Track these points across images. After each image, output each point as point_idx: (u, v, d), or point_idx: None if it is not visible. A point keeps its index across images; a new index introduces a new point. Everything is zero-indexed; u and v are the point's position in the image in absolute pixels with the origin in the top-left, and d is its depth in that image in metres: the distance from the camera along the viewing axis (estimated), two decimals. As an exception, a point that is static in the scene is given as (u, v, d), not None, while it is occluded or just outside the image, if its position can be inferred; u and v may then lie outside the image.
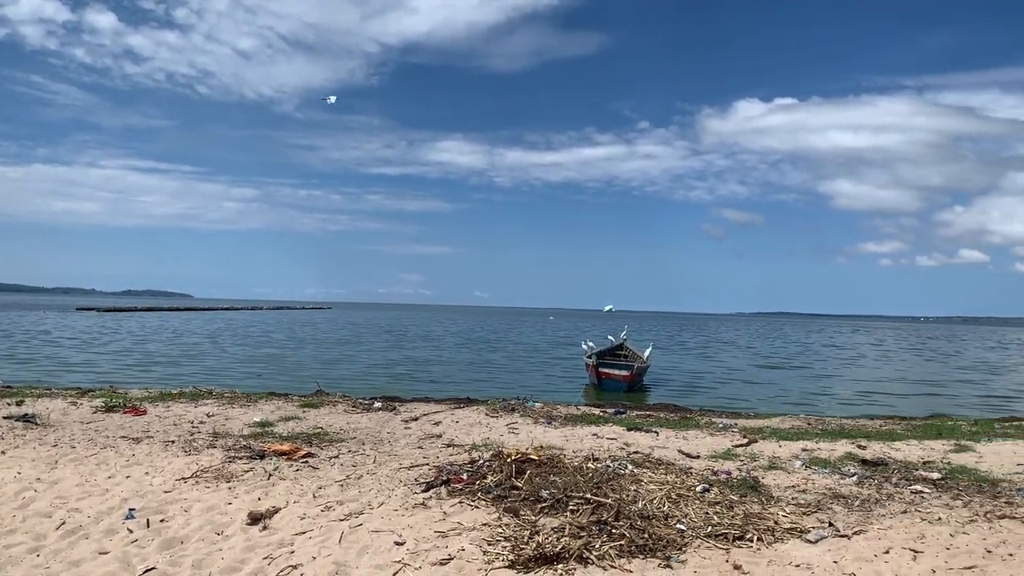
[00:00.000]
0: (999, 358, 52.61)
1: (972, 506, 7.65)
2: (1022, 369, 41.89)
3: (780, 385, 28.25)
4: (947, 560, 5.93)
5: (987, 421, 14.96)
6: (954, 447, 11.19)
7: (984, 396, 26.30)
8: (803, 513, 7.20)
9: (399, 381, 24.67)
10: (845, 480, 8.77)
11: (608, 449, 10.33)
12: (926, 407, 20.80)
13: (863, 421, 15.10)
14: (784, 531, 6.57)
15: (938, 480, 8.77)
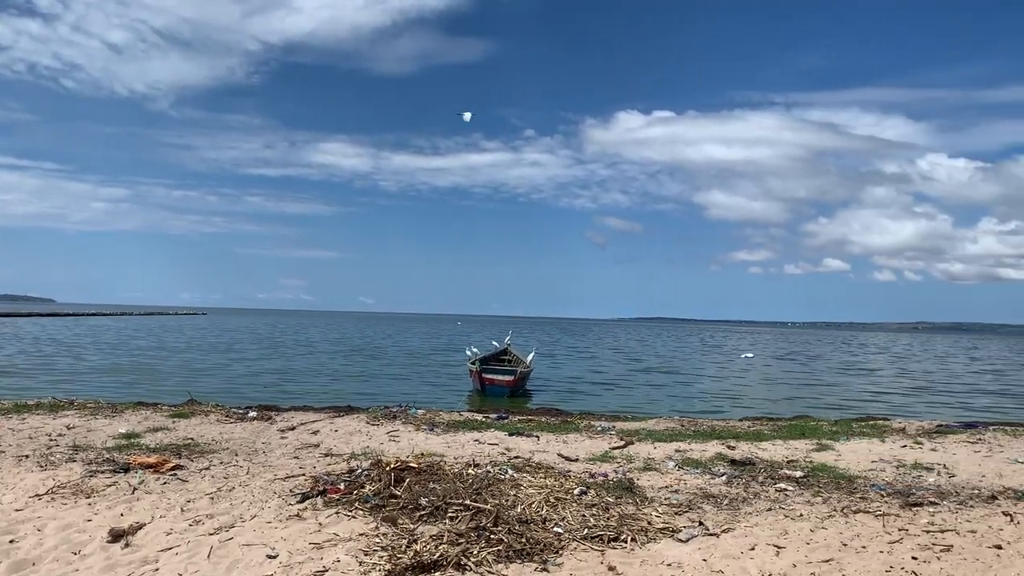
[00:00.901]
0: (858, 361, 56.00)
1: (831, 502, 8.09)
2: (879, 371, 44.68)
3: (657, 388, 29.14)
4: (807, 554, 6.24)
5: (846, 421, 15.87)
6: (816, 446, 11.81)
7: (845, 397, 27.91)
8: (675, 513, 7.43)
9: (276, 390, 23.99)
10: (715, 480, 9.11)
11: (489, 455, 10.36)
12: (792, 408, 21.88)
13: (733, 422, 15.74)
14: (657, 531, 6.76)
15: (801, 478, 9.23)
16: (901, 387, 33.10)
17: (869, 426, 14.63)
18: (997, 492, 8.77)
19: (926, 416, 19.36)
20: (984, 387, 34.37)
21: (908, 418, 17.65)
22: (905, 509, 7.83)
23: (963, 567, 6.00)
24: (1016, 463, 10.72)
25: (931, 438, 13.00)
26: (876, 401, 26.47)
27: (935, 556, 6.25)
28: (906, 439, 12.78)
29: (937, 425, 15.08)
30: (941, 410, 23.08)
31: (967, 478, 9.64)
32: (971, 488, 9.01)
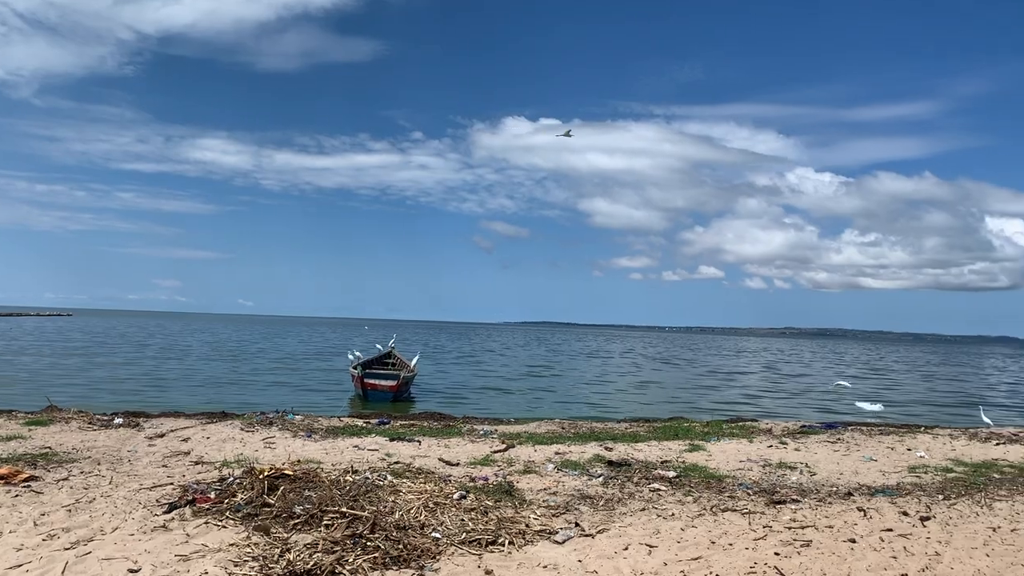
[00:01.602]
0: (731, 364, 58.35)
1: (701, 501, 8.39)
2: (750, 375, 46.68)
3: (539, 391, 29.47)
4: (677, 553, 6.44)
5: (717, 423, 16.49)
6: (688, 447, 12.22)
7: (717, 400, 29.00)
8: (553, 515, 7.52)
9: (145, 395, 22.88)
10: (593, 481, 9.29)
11: (369, 461, 10.20)
12: (667, 410, 22.54)
13: (612, 424, 16.10)
14: (534, 533, 6.83)
15: (674, 478, 9.53)
16: (770, 390, 34.68)
17: (738, 427, 15.26)
18: (853, 489, 9.32)
19: (791, 417, 20.35)
20: (846, 389, 36.40)
21: (775, 419, 18.51)
22: (770, 507, 8.21)
23: (821, 561, 6.33)
24: (870, 461, 11.42)
25: (795, 438, 13.68)
26: (747, 403, 27.62)
27: (796, 551, 6.57)
28: (772, 439, 13.41)
29: (801, 426, 15.89)
30: (805, 412, 24.31)
31: (826, 476, 10.20)
32: (830, 486, 9.53)
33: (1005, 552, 6.77)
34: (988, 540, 7.15)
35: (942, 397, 33.38)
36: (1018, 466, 11.36)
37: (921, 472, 10.65)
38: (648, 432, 14.10)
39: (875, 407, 22.87)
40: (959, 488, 9.52)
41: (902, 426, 17.20)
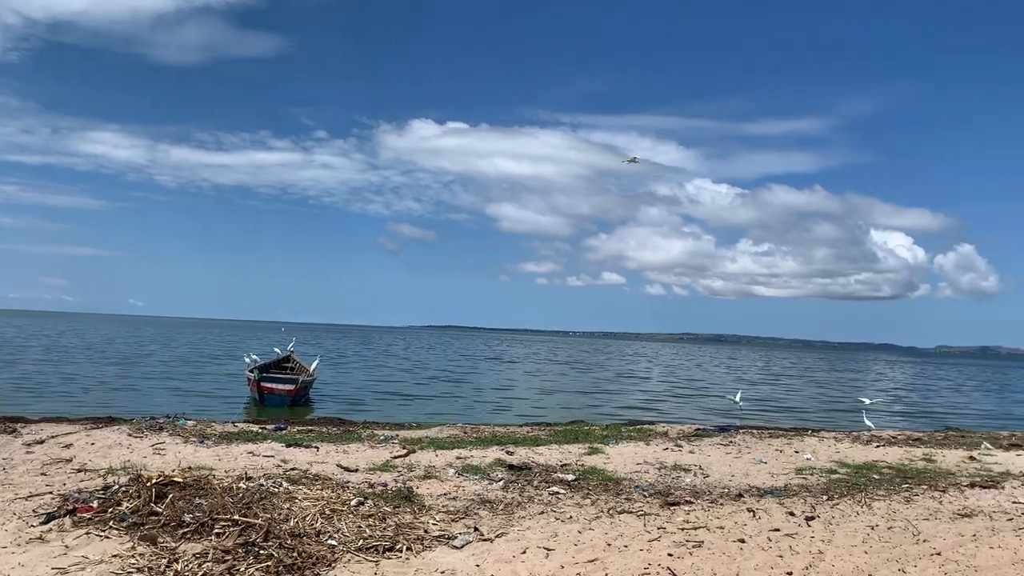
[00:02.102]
0: (632, 369, 59.58)
1: (598, 504, 8.52)
2: (649, 379, 47.74)
3: (443, 396, 29.36)
4: (574, 555, 6.51)
5: (616, 426, 16.80)
6: (588, 450, 12.39)
7: (618, 403, 29.54)
8: (452, 520, 7.50)
9: (23, 399, 21.65)
10: (493, 485, 9.30)
11: (264, 467, 9.93)
12: (569, 414, 22.82)
13: (513, 428, 16.18)
14: (433, 539, 6.78)
15: (572, 481, 9.65)
16: (668, 393, 35.55)
17: (636, 430, 15.58)
18: (744, 490, 9.64)
19: (687, 421, 20.89)
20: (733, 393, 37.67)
21: (671, 423, 18.97)
22: (664, 508, 8.41)
23: (712, 561, 6.52)
24: (760, 463, 11.84)
25: (690, 441, 14.06)
26: (646, 407, 28.25)
27: (688, 552, 6.74)
28: (668, 442, 13.74)
29: (696, 429, 16.34)
30: (700, 415, 25.04)
31: (719, 478, 10.52)
32: (722, 487, 9.84)
33: (882, 549, 7.13)
34: (867, 538, 7.51)
35: (829, 401, 34.95)
36: (896, 467, 11.98)
37: (807, 474, 11.11)
38: (549, 436, 14.23)
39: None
40: (842, 489, 9.98)
41: (791, 429, 17.92)
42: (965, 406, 36.60)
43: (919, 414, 30.46)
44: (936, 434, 18.23)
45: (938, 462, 12.72)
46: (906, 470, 11.71)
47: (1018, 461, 13.25)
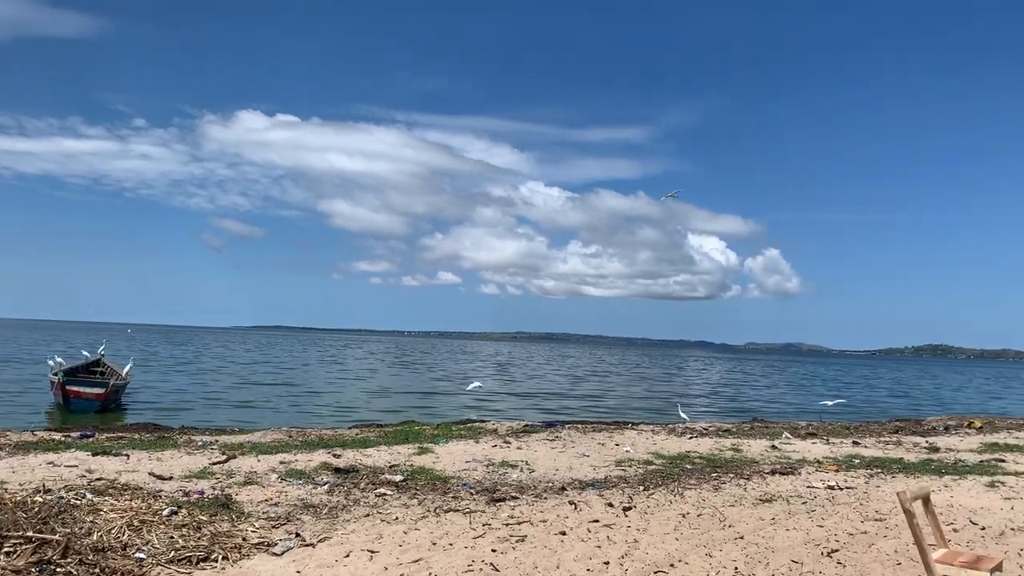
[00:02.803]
0: (467, 368, 60.09)
1: (425, 503, 8.51)
2: (484, 378, 48.29)
3: (268, 398, 28.40)
4: (399, 556, 6.47)
5: (446, 424, 16.88)
6: (417, 450, 12.37)
7: (452, 402, 29.69)
8: (273, 526, 7.25)
9: None
10: (317, 489, 9.08)
11: (65, 478, 9.19)
12: (403, 414, 22.70)
13: (342, 430, 15.88)
14: (252, 547, 6.53)
15: (400, 482, 9.59)
16: (501, 391, 36.14)
17: (467, 429, 15.72)
18: (567, 484, 9.95)
19: (518, 418, 21.31)
20: (568, 390, 38.90)
21: (502, 420, 19.29)
22: (490, 505, 8.52)
23: (534, 555, 6.67)
24: (583, 457, 12.26)
25: (518, 437, 14.36)
26: (479, 405, 28.56)
27: (511, 547, 6.86)
28: (497, 439, 13.96)
29: (524, 425, 16.71)
30: (530, 412, 25.63)
31: (544, 472, 10.80)
32: (547, 481, 10.10)
33: (692, 535, 7.56)
34: (678, 525, 7.94)
35: (650, 395, 36.75)
36: (707, 457, 12.76)
37: (627, 466, 11.62)
38: (379, 437, 14.08)
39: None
40: (657, 479, 10.51)
41: (613, 423, 18.69)
42: (770, 399, 39.55)
43: (730, 407, 32.62)
44: (744, 425, 19.59)
45: (744, 451, 13.67)
46: (716, 460, 12.50)
47: (813, 449, 14.48)
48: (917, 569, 6.04)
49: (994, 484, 10.95)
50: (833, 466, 12.22)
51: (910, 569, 6.53)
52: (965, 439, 17.28)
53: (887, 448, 15.02)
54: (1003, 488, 10.66)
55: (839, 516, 8.63)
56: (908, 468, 12.35)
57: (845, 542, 7.49)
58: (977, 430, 19.64)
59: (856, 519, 8.50)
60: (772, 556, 6.92)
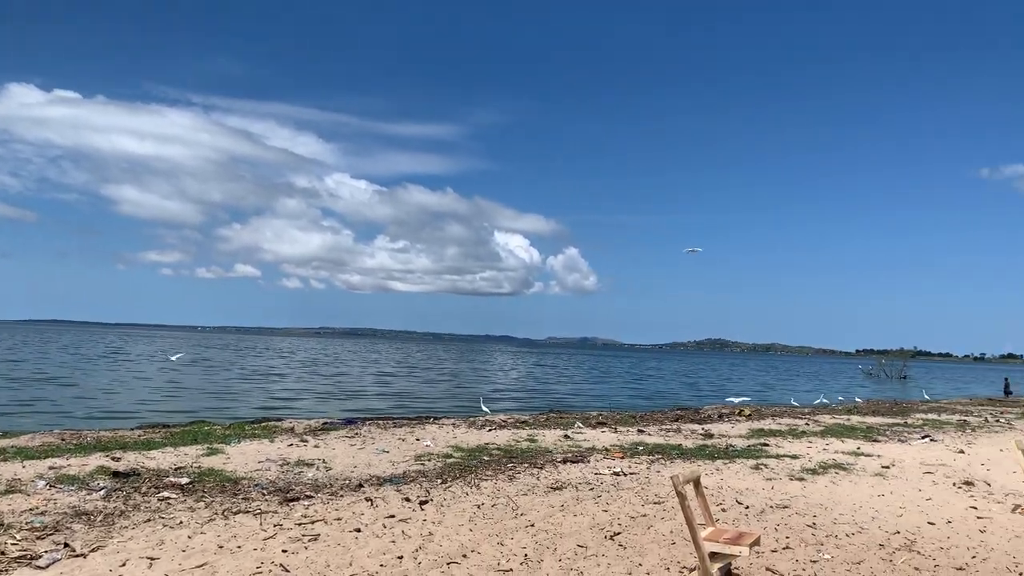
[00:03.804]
0: (266, 365, 57.86)
1: (213, 506, 8.15)
2: (285, 375, 46.73)
3: (38, 399, 25.96)
4: (181, 562, 6.16)
5: (240, 424, 16.19)
6: (207, 451, 11.79)
7: (249, 401, 28.48)
8: (38, 537, 6.67)
9: None
10: (93, 495, 8.45)
11: None
12: (194, 415, 21.52)
13: (124, 432, 14.80)
14: (11, 560, 5.99)
15: (186, 485, 9.11)
16: (302, 389, 35.15)
17: (261, 428, 15.18)
18: (364, 480, 9.87)
19: (319, 415, 20.84)
20: (372, 387, 38.51)
21: (301, 418, 18.78)
22: (283, 505, 8.30)
23: (327, 553, 6.57)
24: (383, 453, 12.22)
25: (316, 435, 14.05)
26: (278, 404, 27.62)
27: (304, 547, 6.73)
28: (294, 438, 13.59)
29: (323, 423, 16.37)
30: (332, 409, 25.12)
31: (342, 470, 10.65)
32: (344, 479, 9.97)
33: (485, 525, 7.75)
34: (473, 516, 8.11)
35: (454, 390, 37.17)
36: (504, 448, 13.11)
37: (426, 460, 11.70)
38: (164, 438, 13.28)
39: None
40: (455, 472, 10.67)
41: (415, 418, 18.75)
42: (567, 391, 41.20)
43: (530, 399, 33.66)
44: (540, 416, 20.30)
45: (539, 442, 14.17)
46: (512, 451, 12.87)
47: (602, 437, 15.26)
48: (689, 547, 6.54)
49: (758, 467, 12.06)
50: (619, 453, 12.96)
51: (683, 547, 7.06)
52: (736, 426, 18.88)
53: (668, 435, 16.11)
54: (765, 470, 11.77)
55: (623, 501, 9.16)
56: (686, 454, 13.32)
57: (627, 525, 7.97)
58: (747, 417, 21.51)
59: (638, 503, 9.07)
60: (560, 541, 7.24)
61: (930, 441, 16.50)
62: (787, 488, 10.39)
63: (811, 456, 13.46)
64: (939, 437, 17.36)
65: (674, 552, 7.00)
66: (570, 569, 6.38)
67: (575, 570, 6.36)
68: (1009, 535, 8.21)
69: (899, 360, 76.38)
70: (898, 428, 19.33)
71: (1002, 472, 12.41)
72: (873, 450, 14.63)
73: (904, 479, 11.45)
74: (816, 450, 14.37)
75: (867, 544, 7.58)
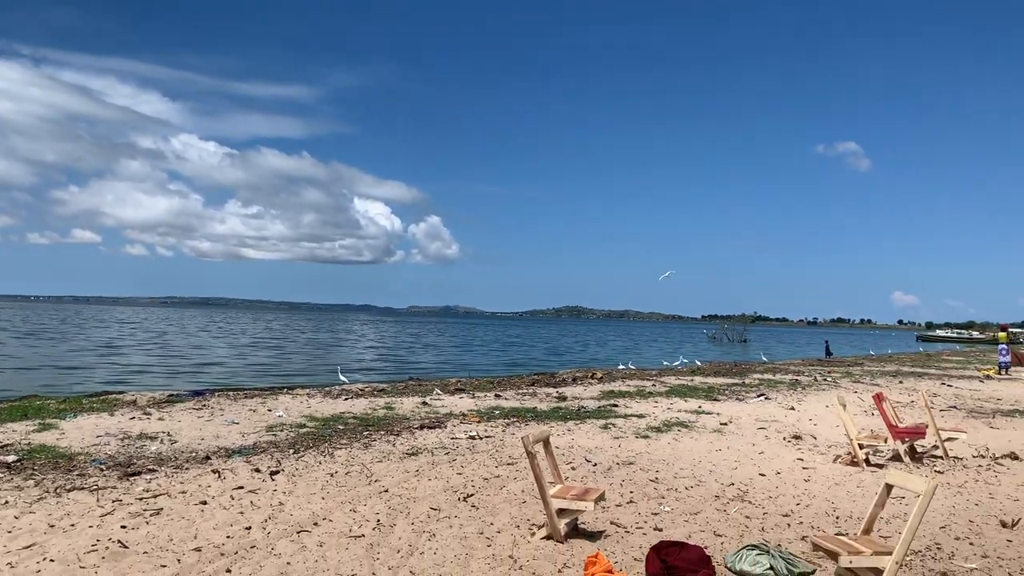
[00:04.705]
0: (108, 336, 54.61)
1: (44, 484, 7.68)
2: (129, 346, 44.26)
3: None
4: (6, 543, 5.78)
5: (76, 398, 15.27)
6: (38, 427, 11.07)
7: (88, 375, 26.84)
8: None
9: None
10: (-97, 479, 7.76)
11: None
12: (25, 389, 20.10)
13: (-58, 410, 13.68)
14: None
15: (14, 463, 8.54)
16: (148, 362, 33.45)
17: (101, 401, 14.38)
18: (212, 453, 9.56)
19: (165, 388, 19.94)
20: (224, 357, 37.14)
21: (145, 391, 17.92)
22: (123, 480, 7.92)
23: (169, 527, 6.34)
24: (232, 424, 11.86)
25: (161, 408, 13.46)
26: (121, 376, 26.20)
27: (145, 521, 6.46)
28: (137, 411, 12.96)
29: (169, 395, 15.70)
30: (182, 382, 24.08)
31: (188, 443, 10.26)
32: (190, 451, 9.62)
33: (338, 493, 7.68)
34: (326, 484, 8.03)
35: (312, 360, 36.43)
36: (360, 417, 13.00)
37: (278, 430, 11.45)
38: (-11, 415, 12.34)
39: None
40: (309, 441, 10.51)
41: (268, 389, 18.29)
42: (428, 359, 41.27)
43: (390, 368, 33.49)
44: (399, 384, 20.27)
45: (397, 409, 14.15)
46: (369, 419, 12.79)
47: (460, 403, 15.42)
48: (539, 505, 6.72)
49: (607, 426, 12.55)
50: (476, 418, 13.14)
51: (533, 505, 7.26)
52: (588, 388, 19.54)
53: (524, 399, 16.48)
54: (614, 429, 12.26)
55: (478, 463, 9.32)
56: (540, 416, 13.68)
57: (480, 486, 8.12)
58: (599, 380, 22.30)
59: (492, 465, 9.24)
60: (413, 505, 7.29)
61: (765, 399, 17.68)
62: (633, 446, 10.88)
63: (656, 415, 14.13)
64: (773, 395, 18.62)
65: (524, 510, 7.20)
66: (422, 531, 6.44)
67: (427, 532, 6.42)
68: (829, 483, 8.94)
69: (740, 325, 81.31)
70: (737, 388, 20.58)
71: (827, 426, 13.47)
72: (713, 408, 15.53)
73: (740, 435, 12.22)
74: (661, 409, 15.10)
75: (704, 496, 8.06)
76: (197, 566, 5.43)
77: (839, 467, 9.87)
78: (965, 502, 8.15)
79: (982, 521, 7.37)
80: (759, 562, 5.57)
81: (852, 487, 8.74)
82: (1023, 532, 7.00)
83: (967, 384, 25.08)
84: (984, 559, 6.18)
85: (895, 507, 7.50)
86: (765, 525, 7.01)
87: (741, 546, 5.94)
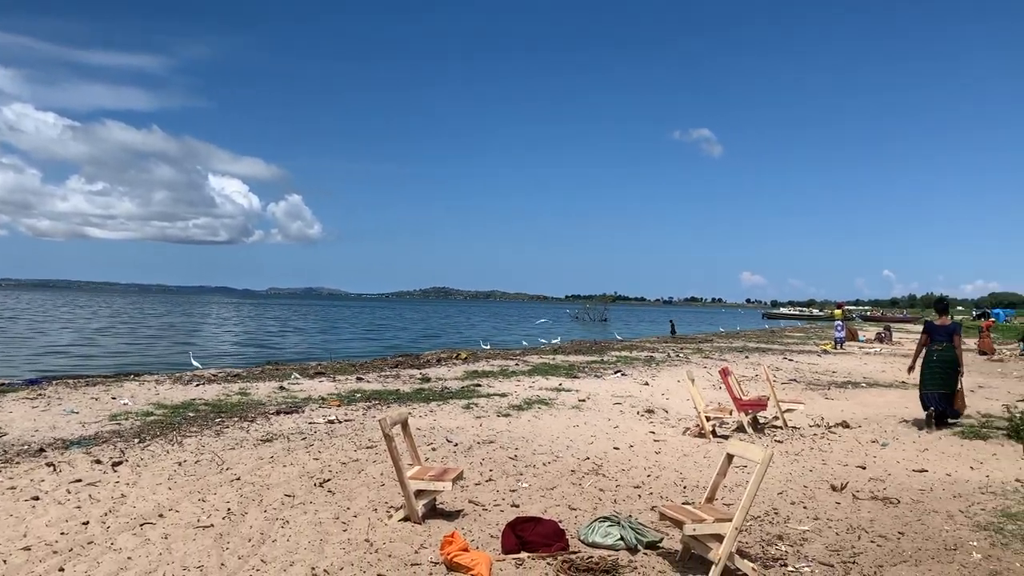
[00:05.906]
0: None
1: None
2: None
3: None
4: None
5: None
6: None
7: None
8: None
9: None
10: None
11: None
12: None
13: None
14: None
15: None
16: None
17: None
18: (47, 444, 8.95)
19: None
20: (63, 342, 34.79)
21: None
22: (-58, 478, 7.28)
23: (-5, 526, 5.89)
24: (72, 414, 11.14)
25: (-11, 399, 12.47)
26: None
27: (-35, 521, 5.97)
28: (-39, 403, 11.95)
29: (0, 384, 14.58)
30: (16, 370, 22.39)
31: (20, 434, 9.57)
32: (22, 444, 8.97)
33: (186, 483, 7.36)
34: (173, 474, 7.67)
35: (162, 345, 34.70)
36: (212, 403, 12.50)
37: (122, 419, 10.84)
38: None
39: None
40: (156, 430, 10.01)
41: (112, 376, 17.30)
42: (287, 343, 40.20)
43: (247, 352, 32.37)
44: (255, 369, 19.64)
45: (252, 395, 13.69)
46: (221, 405, 12.31)
47: (320, 387, 15.10)
48: (397, 488, 6.67)
49: (470, 406, 12.63)
50: (336, 401, 12.91)
51: (391, 488, 7.21)
52: (452, 369, 19.59)
53: (387, 382, 16.33)
54: (476, 409, 12.35)
55: (336, 448, 9.15)
56: (403, 398, 13.59)
57: (338, 471, 7.99)
58: (463, 360, 22.39)
59: (351, 449, 9.11)
60: (267, 492, 7.08)
61: (621, 376, 18.28)
62: (494, 424, 10.99)
63: (518, 394, 14.34)
64: (629, 372, 19.29)
65: (382, 493, 7.13)
66: (275, 519, 6.26)
67: (280, 519, 6.26)
68: (678, 454, 9.35)
69: (601, 304, 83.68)
70: (596, 365, 21.18)
71: (678, 400, 14.08)
72: (573, 385, 15.92)
73: (597, 410, 12.59)
74: (523, 388, 15.34)
75: (561, 471, 8.26)
76: (26, 566, 5.07)
77: (688, 439, 10.35)
78: (801, 469, 8.73)
79: (815, 486, 7.92)
80: (610, 533, 5.76)
81: (699, 458, 9.18)
82: (850, 495, 7.57)
83: (806, 358, 26.83)
84: (815, 520, 6.64)
85: (739, 476, 7.93)
86: (617, 497, 7.26)
87: (594, 518, 6.12)
